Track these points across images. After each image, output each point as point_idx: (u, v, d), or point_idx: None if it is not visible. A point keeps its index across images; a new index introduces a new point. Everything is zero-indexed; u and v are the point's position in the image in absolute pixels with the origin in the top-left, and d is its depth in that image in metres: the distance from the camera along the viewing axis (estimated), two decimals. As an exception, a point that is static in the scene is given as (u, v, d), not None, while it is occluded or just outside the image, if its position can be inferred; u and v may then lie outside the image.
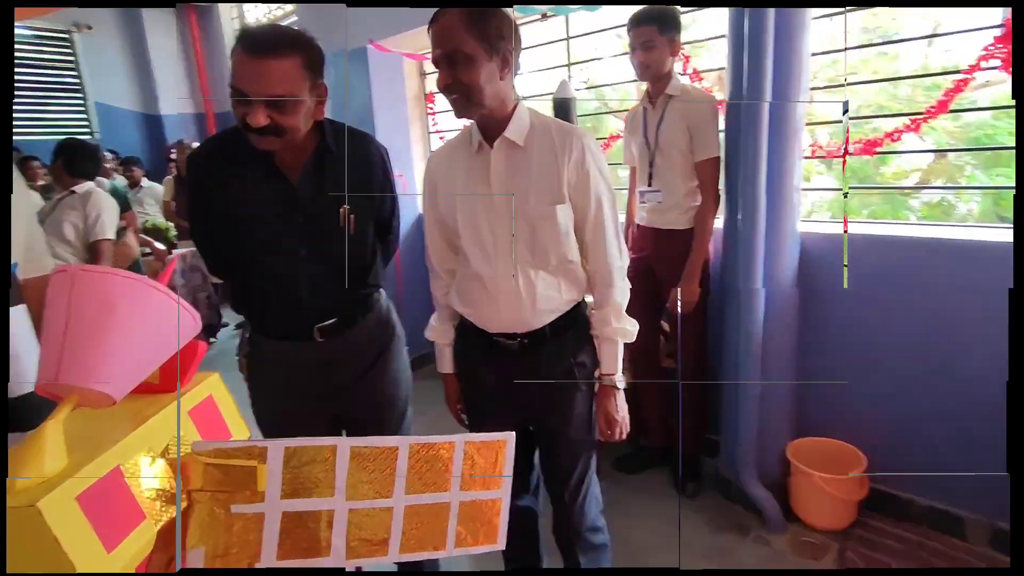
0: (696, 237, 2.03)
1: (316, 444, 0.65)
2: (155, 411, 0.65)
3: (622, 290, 1.30)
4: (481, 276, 1.27)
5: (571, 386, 1.32)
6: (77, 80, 5.27)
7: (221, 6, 5.29)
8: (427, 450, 0.68)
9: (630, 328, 1.30)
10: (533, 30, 2.92)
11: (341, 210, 1.28)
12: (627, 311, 1.32)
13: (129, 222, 3.43)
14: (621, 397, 1.32)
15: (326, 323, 1.33)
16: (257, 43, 1.11)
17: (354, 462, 0.66)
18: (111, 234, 2.61)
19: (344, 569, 0.65)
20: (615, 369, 1.30)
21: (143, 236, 4.03)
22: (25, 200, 1.20)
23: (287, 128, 1.16)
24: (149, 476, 0.60)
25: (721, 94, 2.06)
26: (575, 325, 1.32)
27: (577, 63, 2.89)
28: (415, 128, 3.45)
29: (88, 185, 2.58)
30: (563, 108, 2.24)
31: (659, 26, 1.93)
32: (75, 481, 0.51)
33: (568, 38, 2.84)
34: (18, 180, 1.20)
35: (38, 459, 0.51)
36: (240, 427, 0.74)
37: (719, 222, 2.07)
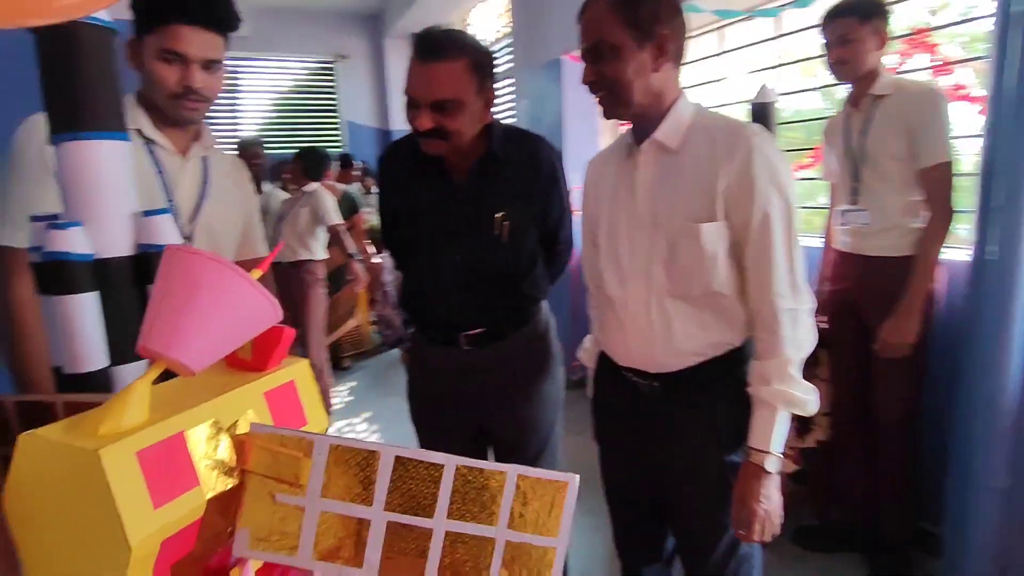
0: (919, 261, 1.62)
1: (361, 448, 0.62)
2: (236, 386, 0.67)
3: (793, 340, 0.99)
4: (613, 298, 1.12)
5: (707, 453, 1.08)
6: (335, 102, 6.31)
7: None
8: (475, 475, 0.60)
9: (799, 395, 0.99)
10: (739, 30, 2.66)
11: (496, 216, 1.26)
12: (821, 358, 1.03)
13: (355, 223, 3.97)
14: (771, 485, 1.02)
15: (473, 332, 1.31)
16: (424, 48, 1.16)
17: (398, 472, 0.61)
18: (338, 219, 3.10)
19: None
20: (767, 444, 1.00)
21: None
22: (247, 195, 1.40)
23: (451, 131, 1.18)
24: (211, 447, 0.61)
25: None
26: (730, 377, 1.07)
27: (796, 62, 2.55)
28: (604, 139, 3.39)
29: (315, 185, 3.07)
30: (761, 114, 1.98)
31: (859, 16, 1.61)
32: (139, 437, 0.54)
33: (778, 36, 2.52)
34: (248, 178, 1.42)
35: (120, 413, 0.55)
36: (320, 417, 0.74)
37: (961, 252, 1.62)
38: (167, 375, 0.60)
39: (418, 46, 1.16)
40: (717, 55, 2.82)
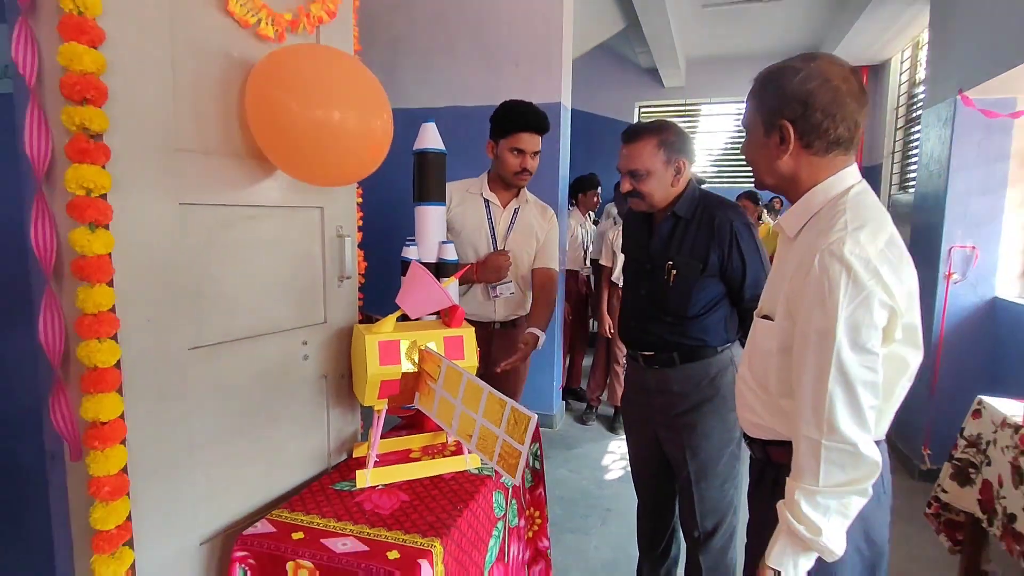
0: None
1: (457, 371, 1.22)
2: (433, 329, 1.36)
3: (809, 471, 0.93)
4: None
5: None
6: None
7: (892, 64, 5.31)
8: (495, 400, 1.13)
9: (800, 529, 0.93)
10: None
11: (667, 264, 1.60)
12: None
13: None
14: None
15: (645, 353, 1.68)
16: (625, 134, 1.63)
17: (468, 388, 1.19)
18: None
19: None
20: (768, 557, 0.97)
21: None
22: (545, 229, 2.13)
23: (644, 192, 1.59)
24: (409, 351, 1.32)
25: None
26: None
27: None
28: (1015, 193, 2.72)
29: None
30: None
31: None
32: (382, 335, 1.28)
33: None
34: (551, 218, 2.17)
35: (380, 326, 1.31)
36: (472, 357, 1.36)
37: None
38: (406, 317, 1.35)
39: (623, 133, 1.63)
40: None
